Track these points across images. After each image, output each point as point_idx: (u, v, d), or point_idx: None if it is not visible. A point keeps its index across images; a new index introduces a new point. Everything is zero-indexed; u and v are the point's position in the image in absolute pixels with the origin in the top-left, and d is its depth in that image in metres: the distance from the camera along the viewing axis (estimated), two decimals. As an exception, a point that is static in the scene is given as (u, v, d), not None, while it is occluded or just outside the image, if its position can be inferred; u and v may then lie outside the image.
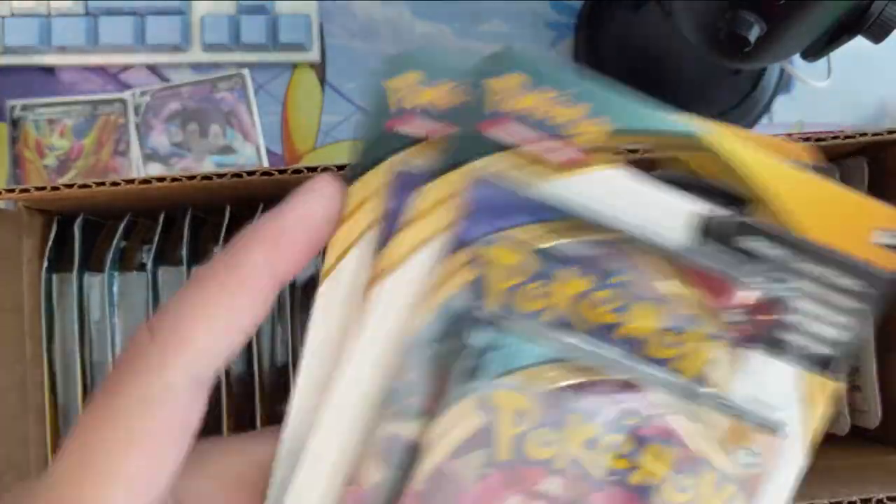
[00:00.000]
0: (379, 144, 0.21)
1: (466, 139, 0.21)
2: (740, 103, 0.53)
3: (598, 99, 0.21)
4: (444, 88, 0.21)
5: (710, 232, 0.21)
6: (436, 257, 0.20)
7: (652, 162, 0.29)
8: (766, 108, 0.55)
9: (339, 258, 0.21)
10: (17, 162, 0.55)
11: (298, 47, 0.54)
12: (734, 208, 0.21)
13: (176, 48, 0.53)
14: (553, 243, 0.20)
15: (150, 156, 0.55)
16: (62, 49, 0.53)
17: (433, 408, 0.20)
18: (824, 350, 0.21)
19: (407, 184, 0.21)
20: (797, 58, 0.45)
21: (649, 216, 0.21)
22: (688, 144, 0.21)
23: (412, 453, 0.20)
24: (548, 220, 0.20)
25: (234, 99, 0.55)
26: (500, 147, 0.21)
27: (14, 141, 0.55)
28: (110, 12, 0.53)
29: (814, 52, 0.42)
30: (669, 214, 0.21)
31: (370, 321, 0.20)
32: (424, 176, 0.21)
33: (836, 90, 0.56)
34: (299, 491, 0.20)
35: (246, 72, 0.55)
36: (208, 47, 0.54)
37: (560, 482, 0.20)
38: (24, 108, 0.55)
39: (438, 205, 0.21)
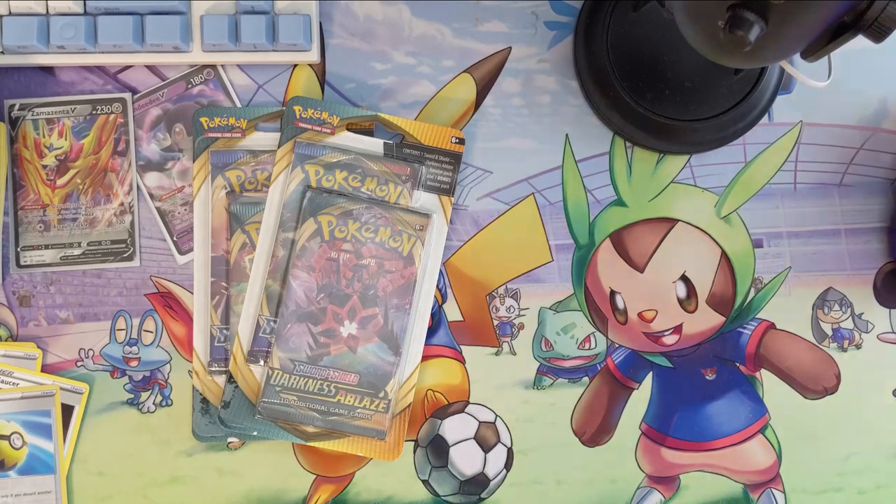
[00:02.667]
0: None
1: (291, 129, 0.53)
2: (740, 103, 0.53)
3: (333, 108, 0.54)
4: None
5: (390, 149, 0.54)
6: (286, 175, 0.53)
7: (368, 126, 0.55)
8: (766, 108, 0.55)
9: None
10: (15, 162, 0.55)
11: (298, 47, 0.54)
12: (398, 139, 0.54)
13: (176, 48, 0.53)
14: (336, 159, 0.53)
15: (145, 166, 0.55)
16: (61, 48, 0.53)
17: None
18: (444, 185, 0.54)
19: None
20: (797, 58, 0.45)
21: (368, 145, 0.54)
22: (375, 118, 0.54)
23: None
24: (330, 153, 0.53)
25: (212, 89, 0.55)
26: (304, 130, 0.54)
27: (12, 141, 0.55)
28: (109, 12, 0.53)
29: (814, 52, 0.42)
30: (374, 144, 0.54)
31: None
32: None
33: (836, 90, 0.56)
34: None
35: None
36: (208, 47, 0.54)
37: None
38: (23, 107, 0.55)
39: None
